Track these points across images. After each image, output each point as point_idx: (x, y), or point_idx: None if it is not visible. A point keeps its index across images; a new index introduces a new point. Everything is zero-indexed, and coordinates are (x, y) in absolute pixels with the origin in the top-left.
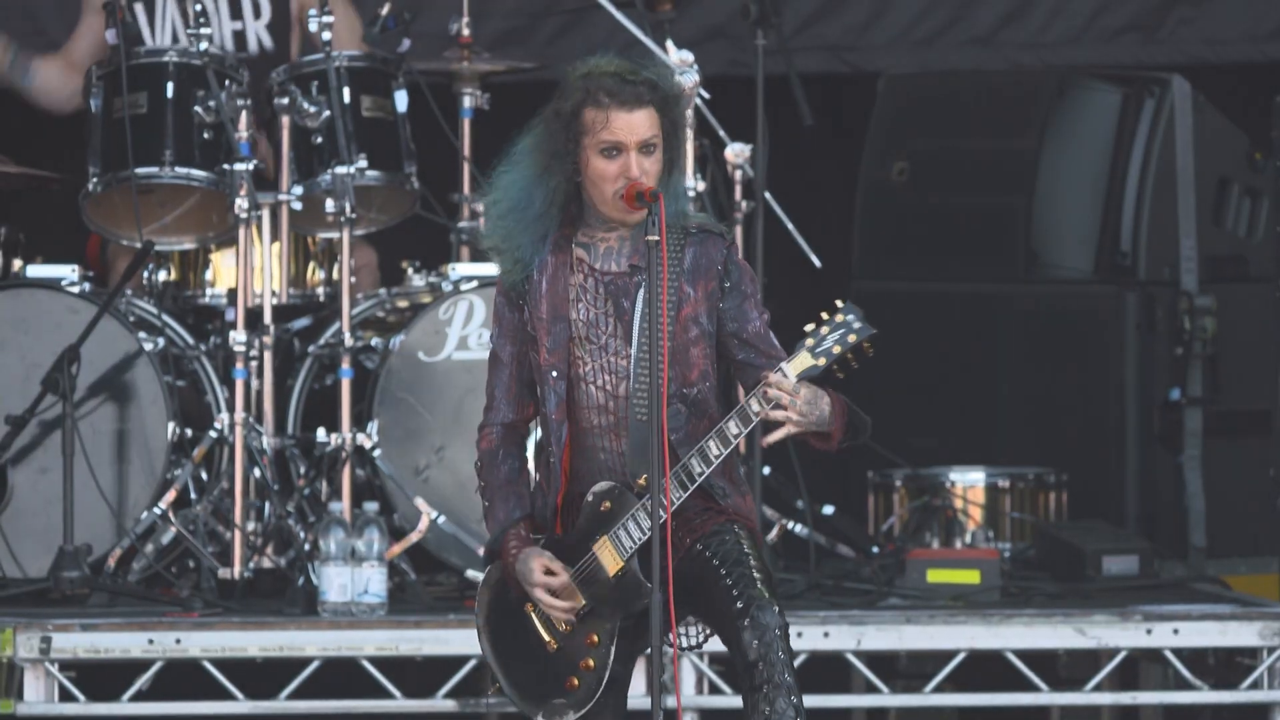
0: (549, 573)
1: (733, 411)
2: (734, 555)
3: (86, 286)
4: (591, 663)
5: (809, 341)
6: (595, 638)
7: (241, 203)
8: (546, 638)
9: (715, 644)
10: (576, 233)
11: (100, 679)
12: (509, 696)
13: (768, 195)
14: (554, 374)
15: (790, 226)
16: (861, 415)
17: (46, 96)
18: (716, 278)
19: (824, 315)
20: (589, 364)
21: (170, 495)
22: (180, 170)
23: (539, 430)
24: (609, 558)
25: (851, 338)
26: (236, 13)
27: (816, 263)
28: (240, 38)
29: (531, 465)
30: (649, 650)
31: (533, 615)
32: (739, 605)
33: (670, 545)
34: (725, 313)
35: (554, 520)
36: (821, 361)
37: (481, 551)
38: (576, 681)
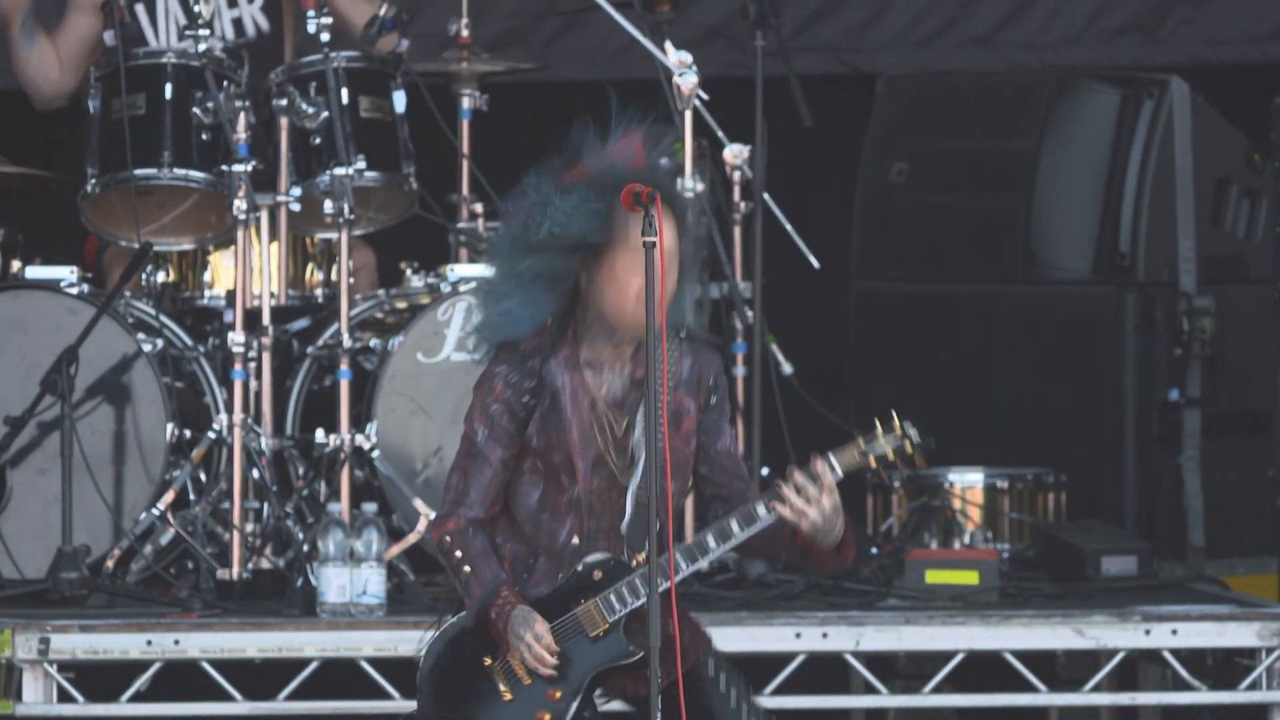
0: (538, 635)
1: (760, 495)
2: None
3: (85, 288)
4: (548, 717)
5: (860, 442)
6: (558, 694)
7: (240, 204)
8: (503, 688)
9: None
10: (581, 351)
11: (99, 680)
12: None
13: (766, 196)
14: (583, 498)
15: (789, 227)
16: (866, 544)
17: (38, 73)
18: (707, 392)
19: (879, 423)
20: (596, 484)
21: (169, 496)
22: (179, 171)
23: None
24: (592, 618)
25: (908, 446)
26: (233, 0)
27: (815, 264)
28: (239, 24)
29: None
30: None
31: (494, 668)
32: None
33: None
34: (700, 425)
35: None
36: (871, 462)
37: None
38: None
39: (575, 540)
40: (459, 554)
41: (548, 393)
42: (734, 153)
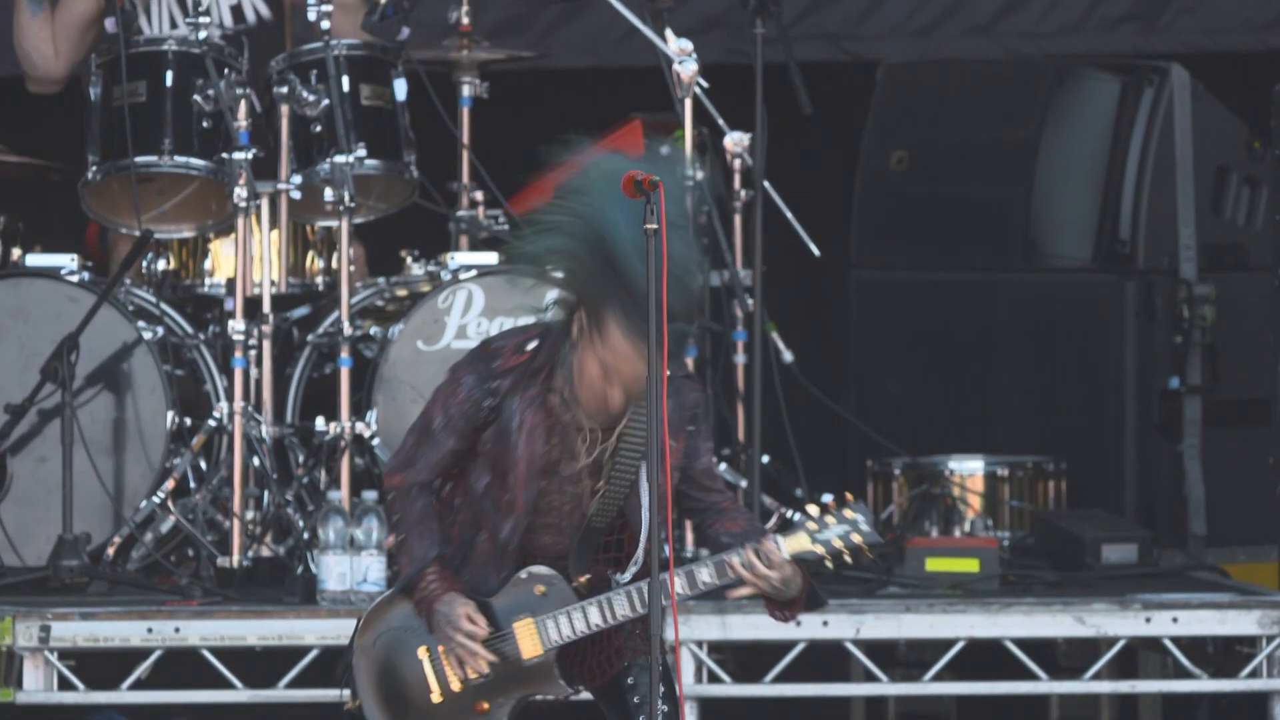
0: (472, 620)
1: (708, 558)
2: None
3: (85, 275)
4: None
5: (811, 525)
6: (486, 705)
7: (240, 192)
8: (434, 687)
9: (714, 632)
10: (551, 394)
11: (99, 667)
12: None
13: (766, 184)
14: (523, 513)
15: (789, 215)
16: (820, 596)
17: (34, 45)
18: (687, 423)
19: (832, 503)
20: (546, 486)
21: (169, 484)
22: (179, 159)
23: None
24: (529, 640)
25: (856, 538)
26: None
27: (815, 251)
28: (238, 11)
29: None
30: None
31: (425, 661)
32: None
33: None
34: (681, 453)
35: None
36: (819, 550)
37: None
38: None
39: (515, 541)
40: (396, 516)
41: (503, 419)
42: (734, 140)
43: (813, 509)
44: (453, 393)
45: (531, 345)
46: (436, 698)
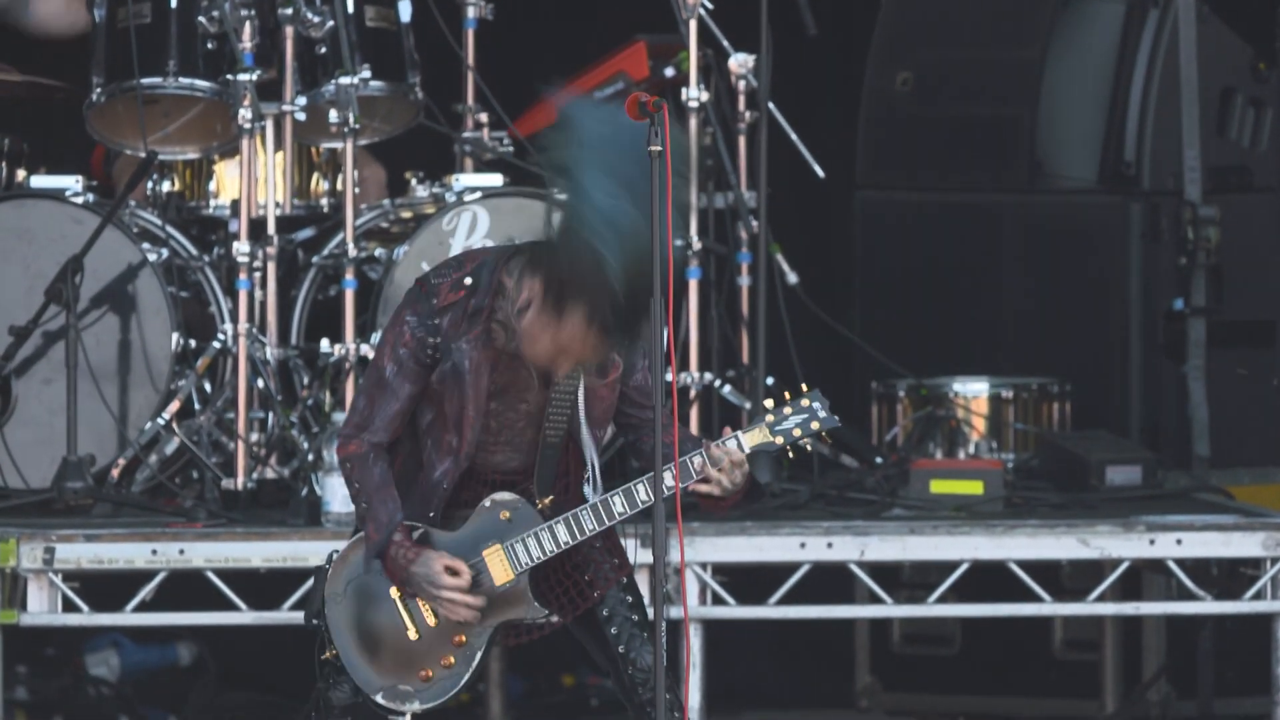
0: (452, 572)
1: (669, 464)
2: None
3: (90, 197)
4: (453, 660)
5: (769, 418)
6: (464, 638)
7: (245, 113)
8: (409, 626)
9: (718, 554)
10: (496, 330)
11: (104, 589)
12: (345, 667)
13: (771, 105)
14: (464, 456)
15: (794, 137)
16: (760, 488)
17: (45, 28)
18: None
19: (788, 394)
20: (494, 408)
21: (174, 406)
22: (184, 80)
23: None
24: (499, 567)
25: (815, 425)
26: None
27: (820, 173)
28: None
29: None
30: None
31: (399, 602)
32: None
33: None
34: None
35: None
36: (779, 440)
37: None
38: (431, 674)
39: (446, 485)
40: (357, 485)
41: (454, 360)
42: (739, 62)
43: (769, 402)
44: (398, 336)
45: (468, 281)
46: (413, 635)
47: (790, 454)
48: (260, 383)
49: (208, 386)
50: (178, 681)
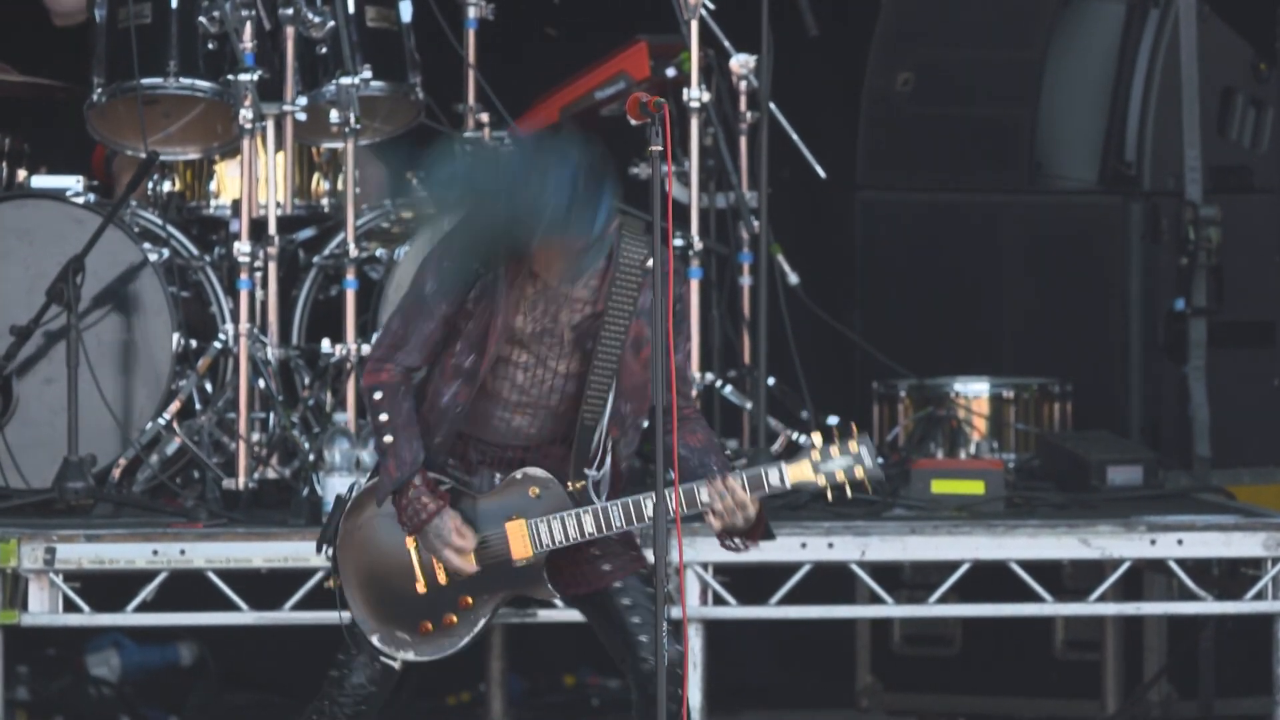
0: (462, 535)
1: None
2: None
3: (91, 197)
4: (455, 620)
5: (815, 455)
6: (470, 600)
7: (246, 113)
8: (419, 577)
9: (718, 554)
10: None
11: (105, 589)
12: (349, 603)
13: (772, 106)
14: (482, 372)
15: (795, 137)
16: (771, 531)
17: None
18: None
19: (838, 433)
20: (523, 359)
21: (175, 406)
22: (184, 81)
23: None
24: (520, 542)
25: (859, 472)
26: None
27: (821, 173)
28: None
29: None
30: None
31: (413, 551)
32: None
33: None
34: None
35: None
36: (821, 481)
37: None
38: (431, 628)
39: (459, 408)
40: (384, 417)
41: (492, 283)
42: (740, 62)
43: (818, 438)
44: (444, 253)
45: None
46: (421, 588)
47: (829, 495)
48: (261, 383)
49: (209, 386)
50: (178, 681)
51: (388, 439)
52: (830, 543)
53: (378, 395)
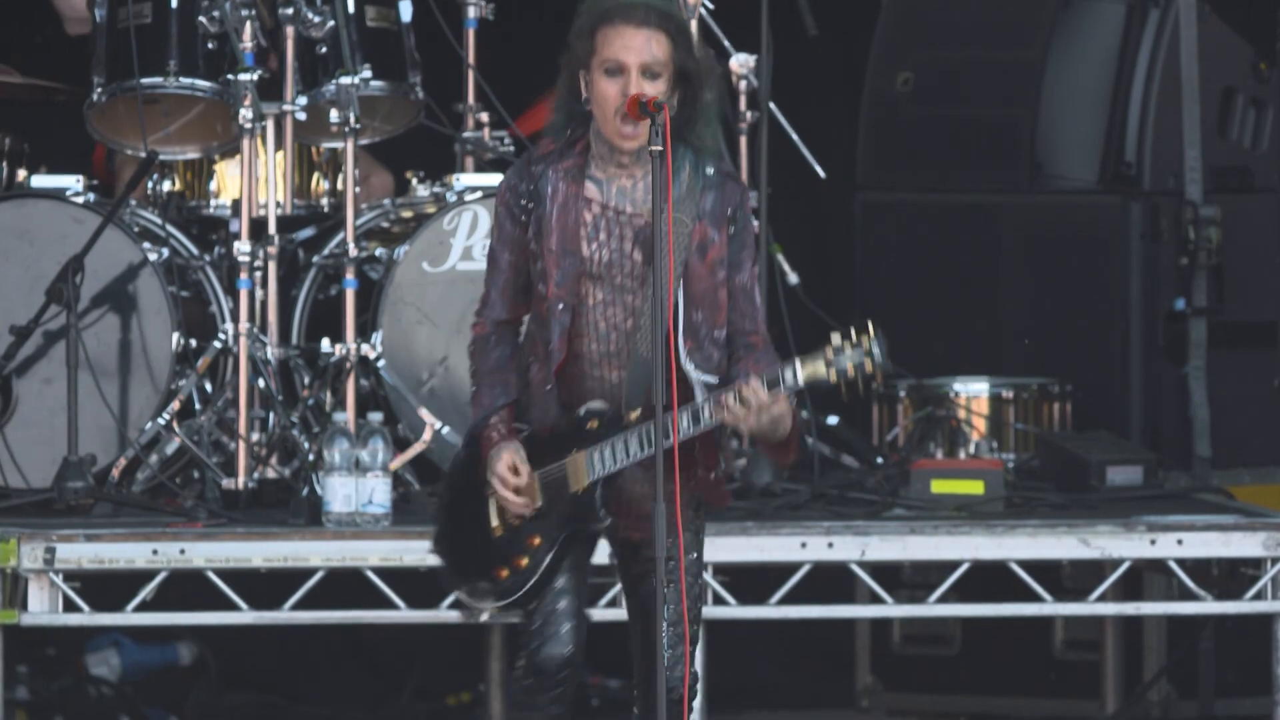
0: (514, 471)
1: (710, 394)
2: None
3: (91, 197)
4: (525, 561)
5: (828, 353)
6: (538, 540)
7: (245, 113)
8: (495, 522)
9: (719, 554)
10: (589, 165)
11: (104, 589)
12: (441, 557)
13: (772, 106)
14: (560, 306)
15: (795, 137)
16: (806, 445)
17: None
18: (729, 222)
19: (852, 330)
20: (599, 298)
21: (174, 406)
22: (184, 80)
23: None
24: (578, 473)
25: (869, 365)
26: None
27: (821, 173)
28: None
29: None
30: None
31: (491, 496)
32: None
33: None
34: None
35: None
36: (833, 376)
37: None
38: (506, 573)
39: (557, 347)
40: (474, 366)
41: (541, 199)
42: (740, 62)
43: (835, 336)
44: (499, 198)
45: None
46: (497, 530)
47: (843, 391)
48: (261, 382)
49: (208, 386)
50: (178, 681)
51: (473, 388)
52: (830, 542)
53: (471, 349)
